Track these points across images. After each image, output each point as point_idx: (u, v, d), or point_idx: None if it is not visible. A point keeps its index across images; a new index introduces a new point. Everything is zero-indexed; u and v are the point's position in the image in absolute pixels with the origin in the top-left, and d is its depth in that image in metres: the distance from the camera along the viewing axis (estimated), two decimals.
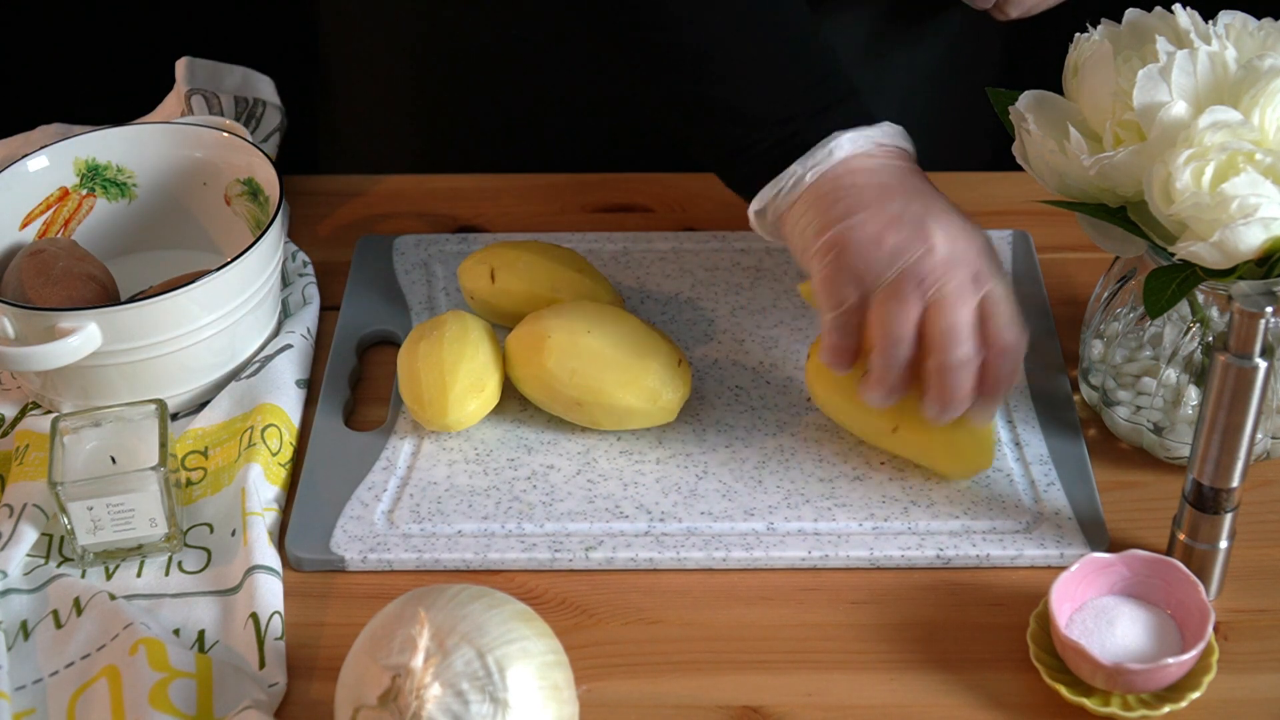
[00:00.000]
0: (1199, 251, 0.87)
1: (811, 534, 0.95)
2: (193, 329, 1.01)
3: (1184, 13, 0.92)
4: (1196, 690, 0.85)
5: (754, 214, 0.96)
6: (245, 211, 1.11)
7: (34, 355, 0.97)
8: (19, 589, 0.94)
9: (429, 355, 1.00)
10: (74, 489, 0.93)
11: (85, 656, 0.89)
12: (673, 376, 0.99)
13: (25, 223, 1.09)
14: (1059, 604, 0.87)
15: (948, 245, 0.90)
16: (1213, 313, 0.96)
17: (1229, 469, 0.87)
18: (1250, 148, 0.86)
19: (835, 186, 0.92)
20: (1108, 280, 1.00)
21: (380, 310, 1.11)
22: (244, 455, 0.99)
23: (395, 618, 0.80)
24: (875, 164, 0.93)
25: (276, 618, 0.91)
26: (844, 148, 0.93)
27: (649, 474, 0.99)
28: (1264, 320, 0.82)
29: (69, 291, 1.03)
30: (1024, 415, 1.02)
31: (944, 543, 0.94)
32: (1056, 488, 0.97)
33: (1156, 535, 0.94)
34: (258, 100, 1.20)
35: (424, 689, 0.77)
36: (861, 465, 0.99)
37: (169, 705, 0.85)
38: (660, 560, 0.94)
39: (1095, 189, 0.92)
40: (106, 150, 1.11)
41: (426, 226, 1.19)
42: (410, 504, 0.98)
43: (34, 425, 1.01)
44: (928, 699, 0.88)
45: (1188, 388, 0.97)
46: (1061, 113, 0.94)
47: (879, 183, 0.92)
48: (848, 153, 0.93)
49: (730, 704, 0.88)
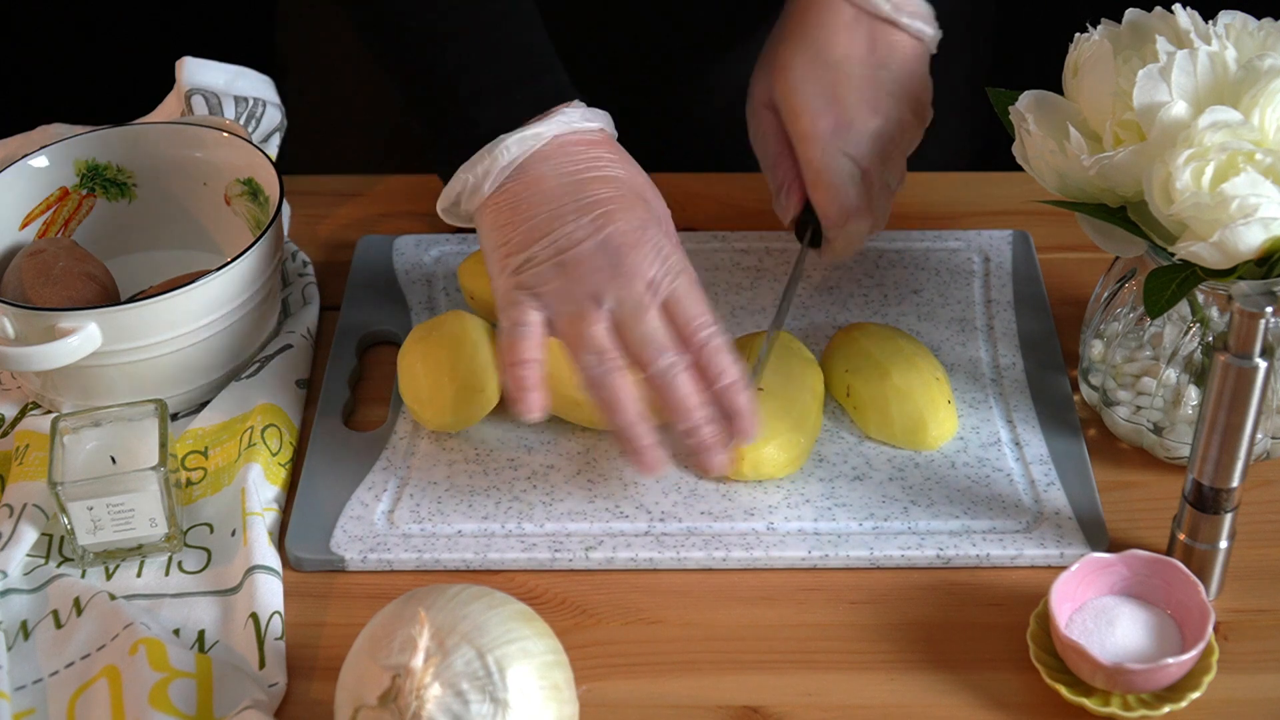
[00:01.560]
0: (1199, 251, 0.87)
1: (811, 534, 0.95)
2: (193, 329, 1.01)
3: (1184, 13, 0.92)
4: (1196, 690, 0.85)
5: (442, 211, 0.97)
6: (245, 211, 1.11)
7: (34, 355, 0.97)
8: (19, 589, 0.94)
9: (429, 355, 1.00)
10: (74, 489, 0.93)
11: (85, 656, 0.89)
12: None
13: (25, 223, 1.09)
14: (1059, 604, 0.87)
15: (610, 269, 0.91)
16: (1213, 313, 0.96)
17: (1229, 469, 0.87)
18: (1250, 148, 0.86)
19: (512, 206, 0.93)
20: (1108, 280, 1.00)
21: (380, 310, 1.11)
22: (244, 455, 0.99)
23: (395, 618, 0.80)
24: (548, 170, 0.93)
25: (276, 618, 0.91)
26: (511, 151, 0.93)
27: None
28: (1264, 320, 0.82)
29: (69, 291, 1.03)
30: (1024, 415, 1.02)
31: (944, 543, 0.94)
32: (1056, 488, 0.97)
33: (1156, 535, 0.94)
34: (258, 100, 1.20)
35: (424, 689, 0.77)
36: (861, 465, 0.99)
37: (169, 705, 0.85)
38: (660, 560, 0.94)
39: (1095, 189, 0.92)
40: (106, 150, 1.11)
41: (426, 226, 1.19)
42: (410, 504, 0.98)
43: (34, 425, 1.01)
44: (928, 699, 0.88)
45: (1188, 388, 0.97)
46: (1061, 113, 0.94)
47: (552, 197, 0.92)
48: (516, 156, 0.93)
49: (730, 704, 0.88)
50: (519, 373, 0.92)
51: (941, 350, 1.06)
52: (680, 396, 0.91)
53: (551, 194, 0.93)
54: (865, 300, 1.10)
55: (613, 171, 0.94)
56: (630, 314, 0.91)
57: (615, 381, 0.91)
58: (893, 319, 1.09)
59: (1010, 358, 1.06)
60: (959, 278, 1.12)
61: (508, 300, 0.93)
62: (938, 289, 1.11)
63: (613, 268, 0.91)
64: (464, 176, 0.94)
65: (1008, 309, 1.09)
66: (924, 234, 1.15)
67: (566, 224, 0.92)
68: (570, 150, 0.94)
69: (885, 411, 0.99)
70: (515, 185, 0.93)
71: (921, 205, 1.18)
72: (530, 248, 0.92)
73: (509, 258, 0.93)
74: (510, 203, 0.93)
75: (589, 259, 0.91)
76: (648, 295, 0.91)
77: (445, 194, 0.96)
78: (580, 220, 0.92)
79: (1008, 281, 1.11)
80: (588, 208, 0.92)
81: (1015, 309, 1.09)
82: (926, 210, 1.18)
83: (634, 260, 0.91)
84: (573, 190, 0.93)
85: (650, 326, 0.91)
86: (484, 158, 0.93)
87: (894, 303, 1.10)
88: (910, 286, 1.11)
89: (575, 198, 0.92)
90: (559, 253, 0.92)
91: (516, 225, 0.93)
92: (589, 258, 0.91)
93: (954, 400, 1.01)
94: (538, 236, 0.92)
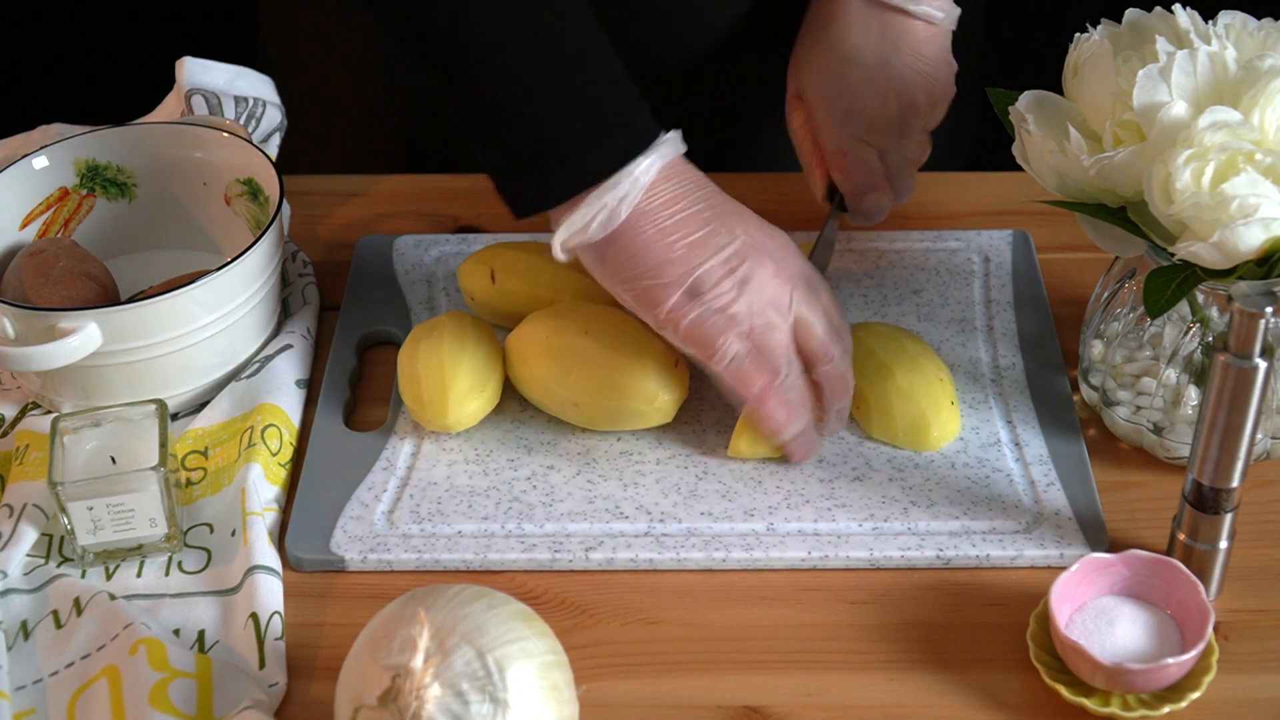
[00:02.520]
0: (1199, 251, 0.87)
1: (811, 534, 0.95)
2: (193, 329, 1.01)
3: (1184, 13, 0.92)
4: (1196, 690, 0.85)
5: (559, 244, 0.94)
6: (245, 211, 1.11)
7: (34, 355, 0.97)
8: (19, 589, 0.94)
9: (429, 355, 1.00)
10: (74, 489, 0.93)
11: (85, 656, 0.89)
12: (668, 378, 0.99)
13: (25, 223, 1.09)
14: (1059, 604, 0.87)
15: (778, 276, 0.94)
16: (1213, 313, 0.96)
17: (1229, 469, 0.87)
18: (1250, 148, 0.86)
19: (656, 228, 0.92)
20: (1108, 280, 1.00)
21: (380, 310, 1.11)
22: (244, 455, 0.99)
23: (395, 618, 0.80)
24: (675, 187, 0.93)
25: (276, 618, 0.91)
26: (647, 173, 0.92)
27: (649, 474, 0.99)
28: (1264, 320, 0.82)
29: (69, 291, 1.03)
30: (1024, 415, 1.02)
31: (944, 543, 0.94)
32: (1056, 488, 0.97)
33: (1156, 535, 0.94)
34: (258, 100, 1.20)
35: (424, 689, 0.77)
36: (861, 465, 0.99)
37: (169, 705, 0.85)
38: (660, 560, 0.94)
39: (1095, 189, 0.92)
40: (106, 150, 1.11)
41: (426, 226, 1.19)
42: (410, 504, 0.98)
43: (34, 425, 1.01)
44: (928, 699, 0.88)
45: (1188, 388, 0.97)
46: (1061, 113, 0.94)
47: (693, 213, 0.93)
48: (650, 178, 0.92)
49: (730, 704, 0.88)
50: (767, 410, 0.95)
51: (941, 350, 1.06)
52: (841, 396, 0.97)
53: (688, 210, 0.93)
54: (865, 300, 1.10)
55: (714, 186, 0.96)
56: (809, 316, 0.95)
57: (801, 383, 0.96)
58: (893, 319, 1.09)
59: (1010, 358, 1.06)
60: (959, 278, 1.12)
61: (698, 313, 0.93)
62: (938, 289, 1.11)
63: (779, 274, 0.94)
64: (602, 200, 0.91)
65: (1008, 309, 1.09)
66: (924, 234, 1.15)
67: (722, 231, 0.94)
68: (681, 171, 0.94)
69: (888, 411, 0.99)
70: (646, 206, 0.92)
71: (921, 205, 1.18)
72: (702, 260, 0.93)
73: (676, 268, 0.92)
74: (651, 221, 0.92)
75: (761, 264, 0.94)
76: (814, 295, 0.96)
77: (572, 223, 0.92)
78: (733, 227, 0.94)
79: (1008, 281, 1.11)
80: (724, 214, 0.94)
81: (1015, 309, 1.09)
82: (926, 210, 1.18)
83: (786, 261, 0.95)
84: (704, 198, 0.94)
85: (825, 329, 0.96)
86: (622, 179, 0.91)
87: (894, 303, 1.10)
88: (910, 286, 1.11)
89: (710, 202, 0.94)
90: (730, 261, 0.93)
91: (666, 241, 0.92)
92: (761, 263, 0.94)
93: (958, 401, 1.01)
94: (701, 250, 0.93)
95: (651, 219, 0.92)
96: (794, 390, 0.95)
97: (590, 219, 0.92)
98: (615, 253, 0.93)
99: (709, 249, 0.93)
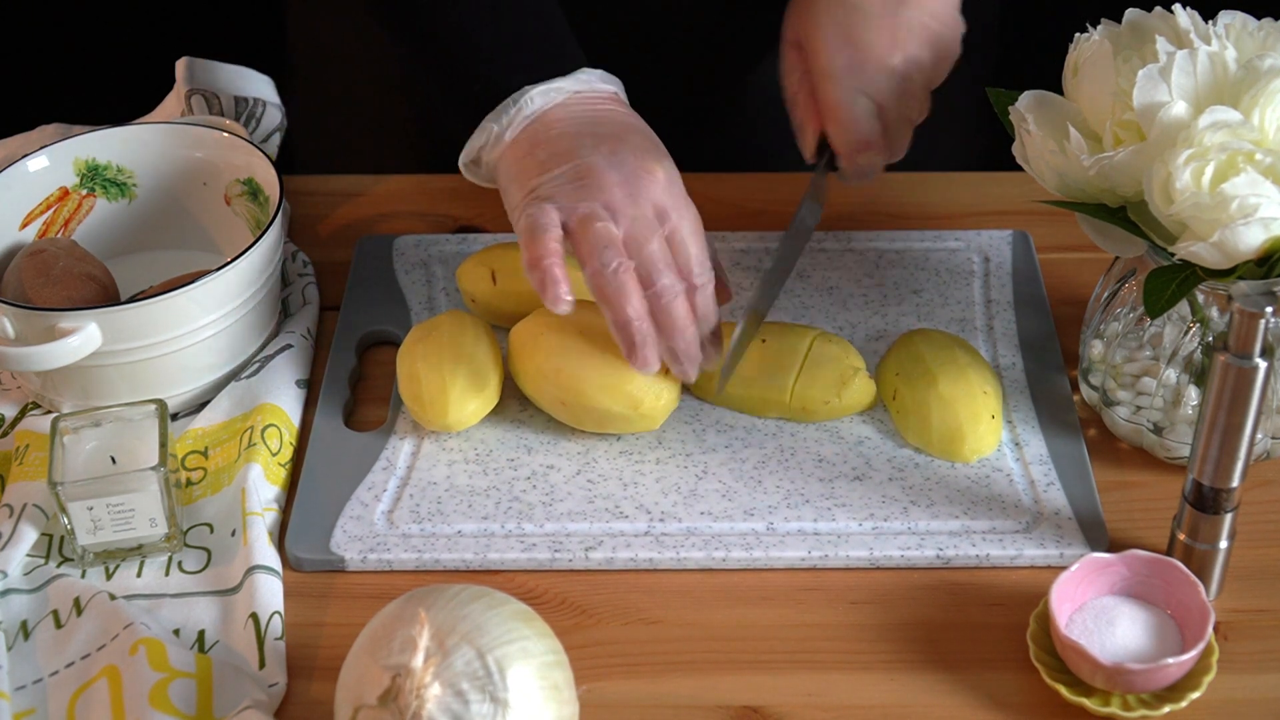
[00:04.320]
0: (1199, 251, 0.87)
1: (811, 534, 0.95)
2: (193, 329, 1.01)
3: (1184, 13, 0.92)
4: (1196, 690, 0.85)
5: (462, 165, 1.02)
6: (245, 211, 1.11)
7: (34, 355, 0.97)
8: (19, 589, 0.94)
9: (429, 355, 1.00)
10: (74, 489, 0.93)
11: (85, 656, 0.89)
12: (655, 384, 0.98)
13: (25, 223, 1.09)
14: (1059, 604, 0.87)
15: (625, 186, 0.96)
16: (1213, 313, 0.96)
17: (1229, 469, 0.87)
18: (1250, 148, 0.86)
19: (532, 144, 0.98)
20: (1108, 280, 1.00)
21: (380, 310, 1.11)
22: (244, 455, 0.99)
23: (395, 618, 0.80)
24: (567, 114, 0.99)
25: (276, 618, 0.91)
26: (534, 102, 0.98)
27: (649, 474, 0.99)
28: (1264, 320, 0.82)
29: (69, 291, 1.03)
30: (1024, 415, 1.02)
31: (944, 543, 0.94)
32: (1056, 488, 0.97)
33: (1156, 535, 0.94)
34: (258, 100, 1.20)
35: (424, 689, 0.77)
36: (861, 465, 0.99)
37: (169, 705, 0.85)
38: (660, 560, 0.94)
39: (1095, 189, 0.92)
40: (106, 150, 1.11)
41: (426, 226, 1.19)
42: (410, 504, 0.98)
43: (34, 425, 1.01)
44: (928, 699, 0.88)
45: (1188, 388, 0.97)
46: (1061, 113, 0.94)
47: (571, 133, 0.98)
48: (539, 107, 0.98)
49: (730, 704, 0.88)
50: (544, 264, 0.94)
51: None
52: (677, 315, 0.96)
53: (569, 132, 0.98)
54: (865, 300, 1.10)
55: (630, 120, 1.00)
56: (640, 232, 0.95)
57: (623, 279, 0.95)
58: (893, 319, 1.09)
59: (1010, 358, 1.06)
60: (959, 278, 1.12)
61: (524, 208, 0.97)
62: (938, 289, 1.11)
63: (627, 186, 0.96)
64: (489, 126, 0.99)
65: (1008, 309, 1.09)
66: (924, 234, 1.15)
67: (584, 150, 0.97)
68: (588, 102, 0.99)
69: (926, 419, 0.99)
70: (535, 127, 0.98)
71: (921, 205, 1.18)
72: (550, 170, 0.97)
73: (528, 180, 0.97)
74: (529, 141, 0.98)
75: (604, 174, 0.96)
76: (655, 220, 0.96)
77: (469, 146, 1.00)
78: (598, 147, 0.97)
79: (1008, 281, 1.11)
80: (605, 139, 0.98)
81: (1015, 309, 1.09)
82: (926, 210, 1.18)
83: (647, 185, 0.96)
84: (590, 126, 0.98)
85: (656, 246, 0.96)
86: (508, 108, 0.98)
87: (894, 303, 1.10)
88: (910, 286, 1.11)
89: (594, 131, 0.98)
90: (576, 172, 0.96)
91: (535, 155, 0.98)
92: (604, 173, 0.96)
93: (1000, 416, 1.00)
94: (557, 162, 0.97)
95: (529, 138, 0.98)
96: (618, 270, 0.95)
97: (482, 143, 1.00)
98: (499, 169, 1.00)
99: (564, 159, 0.97)
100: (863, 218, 1.18)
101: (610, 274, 0.94)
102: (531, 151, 0.98)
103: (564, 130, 0.98)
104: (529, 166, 0.98)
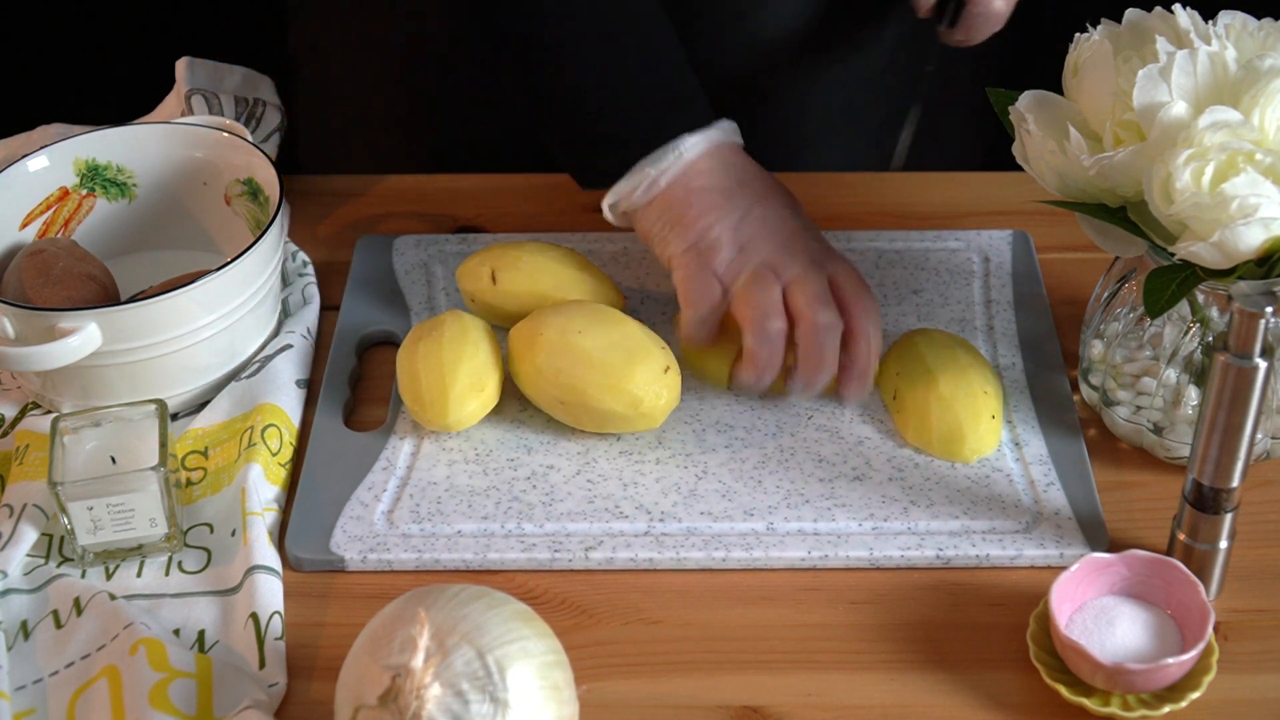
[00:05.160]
0: (1199, 251, 0.87)
1: (811, 534, 0.95)
2: (193, 329, 1.01)
3: (1184, 13, 0.92)
4: (1196, 690, 0.85)
5: (607, 206, 1.04)
6: (245, 211, 1.11)
7: (34, 355, 0.97)
8: (19, 589, 0.94)
9: (429, 355, 1.00)
10: (74, 489, 0.93)
11: (85, 656, 0.89)
12: (655, 384, 0.98)
13: (25, 223, 1.09)
14: (1059, 604, 0.87)
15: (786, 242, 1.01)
16: (1213, 313, 0.96)
17: (1229, 469, 0.87)
18: (1250, 148, 0.86)
19: (686, 192, 1.02)
20: (1108, 280, 1.00)
21: (380, 310, 1.11)
22: (244, 455, 0.99)
23: (395, 618, 0.80)
24: (716, 164, 1.02)
25: (276, 618, 0.91)
26: (692, 150, 1.02)
27: (649, 474, 0.99)
28: (1264, 320, 0.82)
29: (69, 291, 1.03)
30: (1024, 415, 1.02)
31: (944, 543, 0.94)
32: (1056, 488, 0.97)
33: (1156, 535, 0.94)
34: (258, 100, 1.20)
35: (424, 689, 0.77)
36: (861, 465, 0.99)
37: (169, 705, 0.85)
38: (660, 560, 0.94)
39: (1095, 189, 0.92)
40: (106, 150, 1.11)
41: (426, 226, 1.19)
42: (410, 504, 0.98)
43: (34, 425, 1.01)
44: (928, 699, 0.88)
45: (1188, 388, 0.97)
46: (1061, 113, 0.94)
47: (724, 187, 1.02)
48: (694, 155, 1.02)
49: (730, 704, 0.88)
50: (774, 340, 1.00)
51: None
52: (827, 353, 0.99)
53: (719, 186, 1.02)
54: None
55: (769, 176, 1.04)
56: (802, 276, 1.00)
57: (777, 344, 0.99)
58: (893, 319, 1.09)
59: (1010, 358, 1.06)
60: (959, 278, 1.12)
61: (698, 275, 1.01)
62: (938, 289, 1.11)
63: (784, 246, 1.01)
64: (645, 170, 1.02)
65: (1008, 309, 1.09)
66: (924, 234, 1.15)
67: (738, 204, 1.01)
68: (729, 154, 1.03)
69: (926, 418, 0.99)
70: (688, 172, 1.02)
71: (921, 205, 1.18)
72: (707, 218, 1.01)
73: (688, 232, 1.01)
74: (684, 192, 1.02)
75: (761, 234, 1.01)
76: (815, 268, 1.00)
77: (620, 189, 1.03)
78: (753, 206, 1.02)
79: (1008, 281, 1.11)
80: (758, 198, 1.02)
81: (1015, 309, 1.09)
82: (926, 210, 1.18)
83: (802, 240, 1.02)
84: (739, 177, 1.03)
85: (822, 287, 1.00)
86: (667, 153, 1.01)
87: (894, 303, 1.10)
88: (910, 286, 1.11)
89: (743, 184, 1.02)
90: (735, 228, 1.01)
91: (691, 205, 1.01)
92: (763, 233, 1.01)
93: (1000, 416, 1.00)
94: (716, 210, 1.01)
95: (684, 186, 1.02)
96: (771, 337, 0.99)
97: (635, 186, 1.02)
98: (650, 213, 1.03)
99: (721, 213, 1.01)
100: (863, 218, 1.18)
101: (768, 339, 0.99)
102: (686, 198, 1.02)
103: (713, 184, 1.02)
104: (686, 210, 1.02)
